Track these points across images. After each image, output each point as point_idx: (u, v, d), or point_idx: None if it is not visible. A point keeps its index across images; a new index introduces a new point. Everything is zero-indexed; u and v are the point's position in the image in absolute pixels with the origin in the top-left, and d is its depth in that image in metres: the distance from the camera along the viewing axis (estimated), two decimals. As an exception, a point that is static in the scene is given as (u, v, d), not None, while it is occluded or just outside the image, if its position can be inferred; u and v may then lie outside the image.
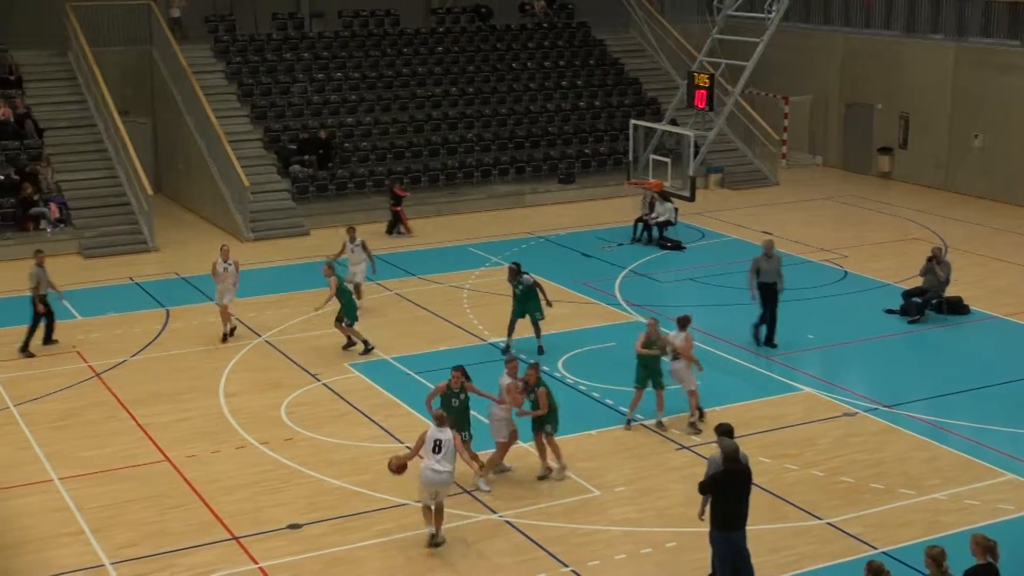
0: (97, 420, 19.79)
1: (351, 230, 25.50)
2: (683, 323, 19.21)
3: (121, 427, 19.51)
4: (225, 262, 23.38)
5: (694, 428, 18.91)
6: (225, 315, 23.37)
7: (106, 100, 33.01)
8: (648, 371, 18.92)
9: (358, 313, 23.18)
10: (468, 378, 17.25)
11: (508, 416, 17.28)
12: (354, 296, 23.58)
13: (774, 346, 22.67)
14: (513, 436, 17.39)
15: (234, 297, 23.59)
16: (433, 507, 15.48)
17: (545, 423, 17.34)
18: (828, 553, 15.34)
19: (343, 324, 22.59)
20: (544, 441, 17.42)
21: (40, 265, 23.09)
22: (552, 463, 17.49)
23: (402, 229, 31.79)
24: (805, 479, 17.36)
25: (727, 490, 13.77)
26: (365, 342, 22.65)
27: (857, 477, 17.38)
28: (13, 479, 17.60)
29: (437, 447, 15.31)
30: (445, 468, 15.28)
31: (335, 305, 22.59)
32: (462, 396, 17.06)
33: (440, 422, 15.52)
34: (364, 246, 25.03)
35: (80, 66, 34.96)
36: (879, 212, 34.03)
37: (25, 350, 22.91)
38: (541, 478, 17.43)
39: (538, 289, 22.39)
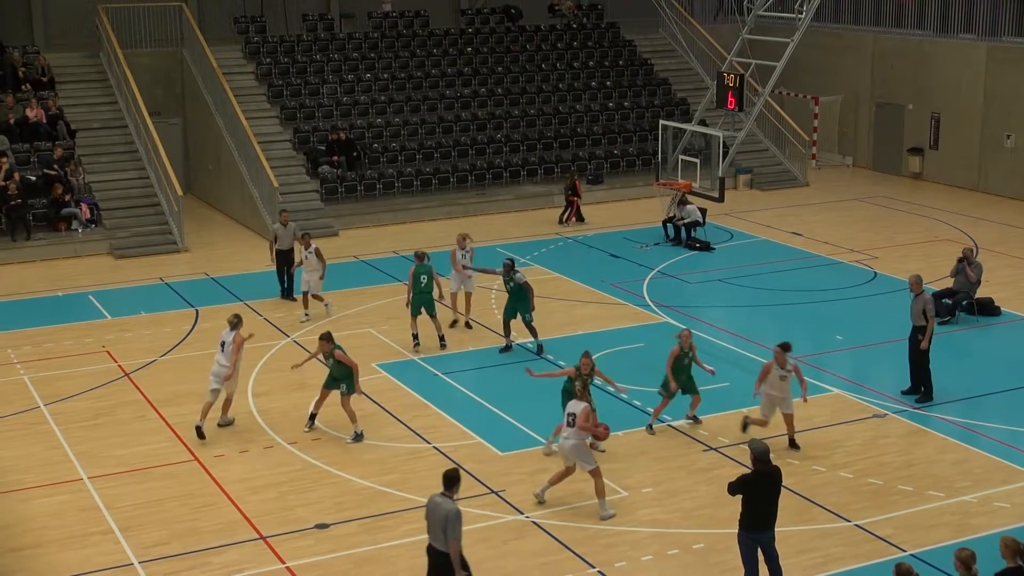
0: (126, 420, 19.91)
1: (306, 236, 24.88)
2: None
3: (150, 427, 19.62)
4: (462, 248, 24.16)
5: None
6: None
7: (137, 101, 33.21)
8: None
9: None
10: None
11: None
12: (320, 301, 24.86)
13: (922, 398, 20.22)
14: None
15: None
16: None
17: (340, 382, 18.97)
18: (856, 555, 15.28)
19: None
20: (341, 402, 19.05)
21: (284, 224, 25.65)
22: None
23: (568, 218, 32.73)
24: (833, 481, 17.29)
25: (757, 492, 13.73)
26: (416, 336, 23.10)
27: (886, 479, 17.30)
28: (43, 478, 17.73)
29: (223, 346, 18.98)
30: (223, 363, 18.84)
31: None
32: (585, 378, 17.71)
33: (232, 326, 19.09)
34: (318, 253, 24.56)
35: (112, 67, 35.20)
36: (909, 213, 33.85)
37: (288, 295, 25.84)
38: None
39: (528, 291, 22.43)
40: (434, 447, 18.52)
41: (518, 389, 21.10)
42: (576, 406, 16.33)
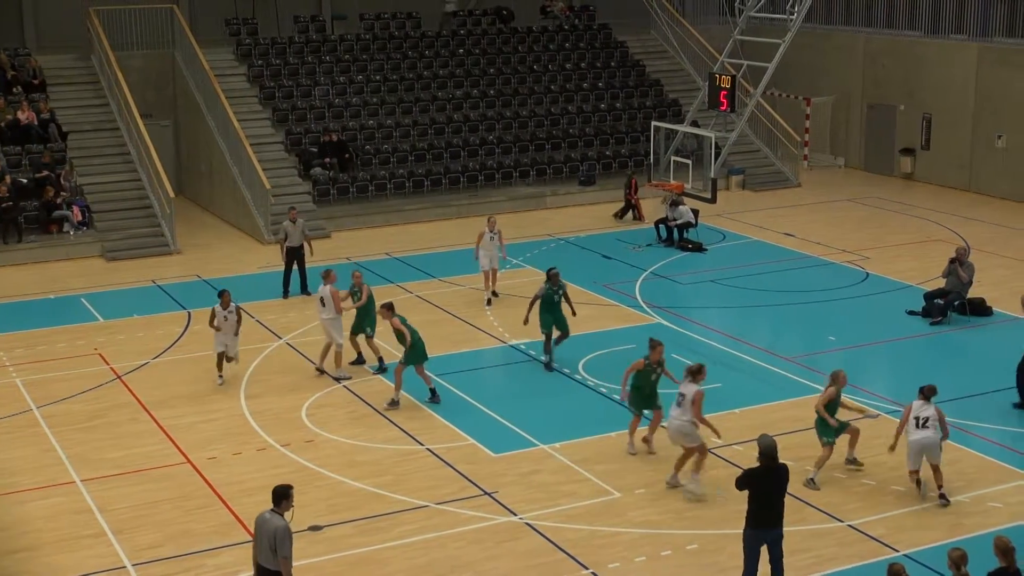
0: (119, 422, 19.88)
1: (224, 293, 21.34)
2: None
3: (143, 429, 19.59)
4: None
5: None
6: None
7: (129, 103, 33.18)
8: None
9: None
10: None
11: None
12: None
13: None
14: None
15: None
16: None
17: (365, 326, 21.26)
18: (849, 555, 15.31)
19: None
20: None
21: (292, 221, 26.20)
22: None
23: (638, 215, 33.33)
24: (826, 481, 17.30)
25: (763, 487, 13.71)
26: (381, 359, 22.06)
27: (879, 479, 17.33)
28: (36, 481, 17.71)
29: (322, 301, 21.15)
30: (328, 316, 21.14)
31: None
32: (658, 370, 18.08)
33: (324, 279, 21.36)
34: (238, 312, 21.36)
35: (103, 70, 35.15)
36: (901, 213, 33.91)
37: (285, 295, 26.50)
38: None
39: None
40: (427, 449, 18.52)
41: (511, 390, 21.15)
42: (689, 388, 16.56)
